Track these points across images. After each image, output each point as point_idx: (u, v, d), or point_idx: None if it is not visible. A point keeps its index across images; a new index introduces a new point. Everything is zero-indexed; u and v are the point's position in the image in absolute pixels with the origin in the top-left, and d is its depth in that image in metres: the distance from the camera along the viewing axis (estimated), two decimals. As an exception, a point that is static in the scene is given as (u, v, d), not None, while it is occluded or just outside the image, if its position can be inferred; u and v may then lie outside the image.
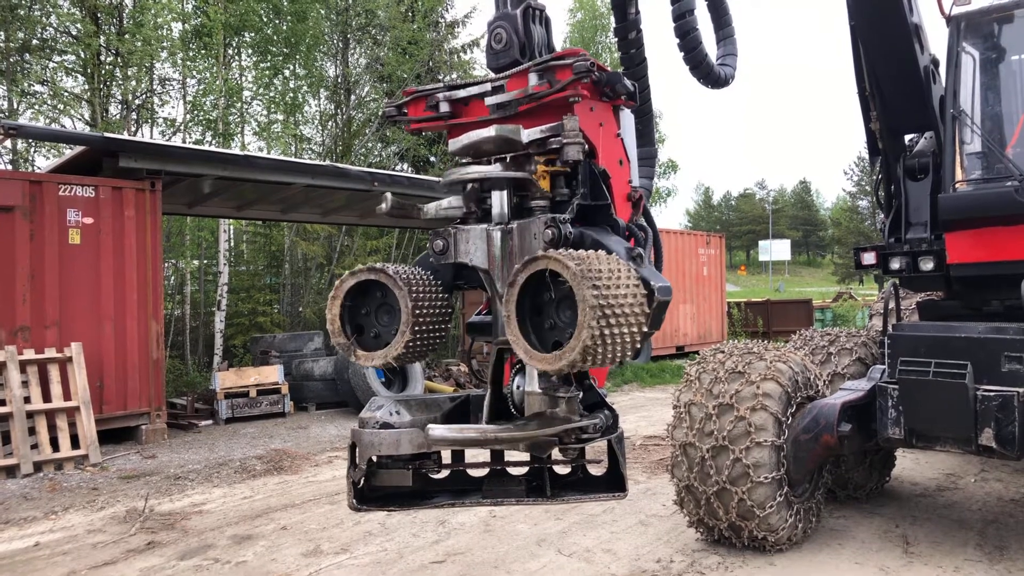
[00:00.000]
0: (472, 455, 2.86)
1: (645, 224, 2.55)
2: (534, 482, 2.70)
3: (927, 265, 5.39)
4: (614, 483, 2.61)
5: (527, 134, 2.28)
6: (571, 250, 2.18)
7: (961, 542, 5.25)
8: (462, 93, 2.45)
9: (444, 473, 2.84)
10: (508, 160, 2.37)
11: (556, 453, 2.53)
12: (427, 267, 2.62)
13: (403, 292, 2.42)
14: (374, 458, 2.62)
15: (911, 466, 7.38)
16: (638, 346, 2.23)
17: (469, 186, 2.43)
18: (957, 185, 5.28)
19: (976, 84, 5.63)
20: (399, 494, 2.74)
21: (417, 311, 2.43)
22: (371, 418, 2.57)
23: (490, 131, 2.28)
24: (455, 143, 2.37)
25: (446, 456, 2.79)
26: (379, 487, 2.71)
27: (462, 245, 2.45)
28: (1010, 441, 4.50)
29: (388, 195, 2.55)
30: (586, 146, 2.34)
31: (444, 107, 2.46)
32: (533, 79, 2.28)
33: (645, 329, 2.23)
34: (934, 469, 7.31)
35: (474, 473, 2.87)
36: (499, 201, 2.37)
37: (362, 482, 2.65)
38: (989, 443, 4.55)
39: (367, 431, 2.54)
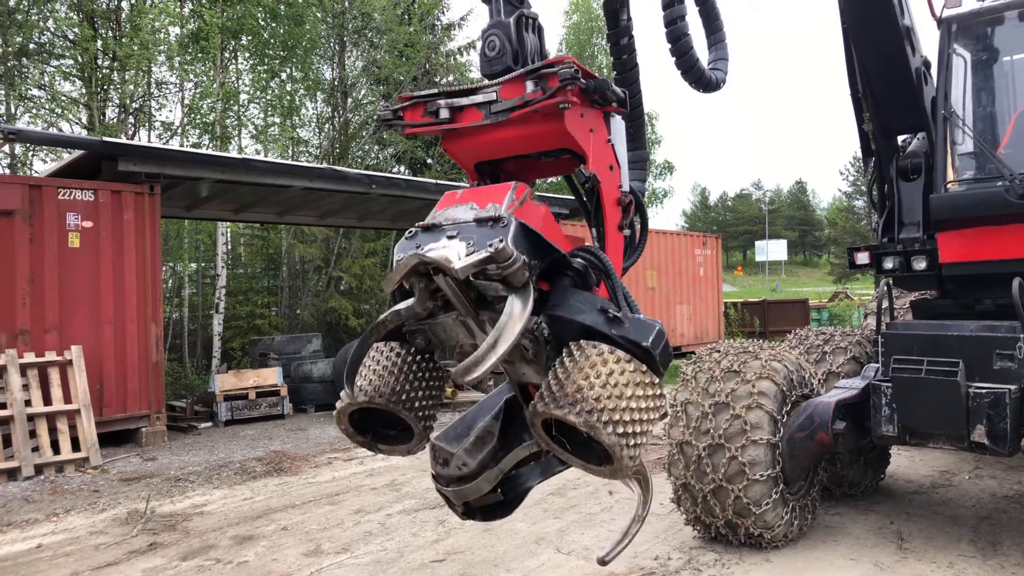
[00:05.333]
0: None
1: (599, 252, 2.42)
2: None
3: (920, 264, 5.44)
4: None
5: (461, 269, 2.08)
6: (562, 376, 2.14)
7: (955, 538, 5.30)
8: (464, 101, 2.47)
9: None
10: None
11: None
12: (399, 336, 2.51)
13: (408, 416, 2.41)
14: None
15: (906, 463, 7.44)
16: (663, 408, 2.24)
17: (417, 289, 2.33)
18: (949, 185, 5.34)
19: (967, 85, 5.69)
20: (497, 503, 2.81)
21: (425, 424, 2.45)
22: (445, 474, 2.62)
23: (413, 259, 2.15)
24: (389, 283, 2.26)
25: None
26: (479, 506, 2.79)
27: (442, 335, 2.42)
28: (1002, 438, 4.56)
29: (344, 387, 2.52)
30: (527, 259, 2.16)
31: (444, 113, 2.48)
32: (530, 86, 2.31)
33: (662, 398, 2.21)
34: (928, 466, 7.37)
35: None
36: (455, 299, 2.28)
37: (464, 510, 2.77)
38: (981, 440, 4.60)
39: (450, 490, 2.61)
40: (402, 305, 2.40)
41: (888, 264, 5.61)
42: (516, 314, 2.14)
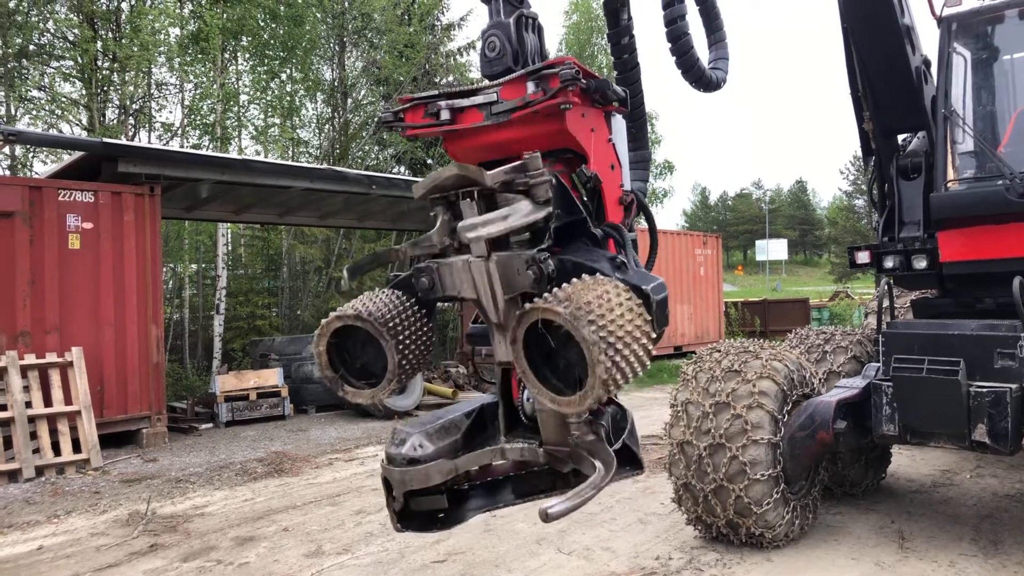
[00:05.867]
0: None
1: (620, 225, 2.51)
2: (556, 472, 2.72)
3: (920, 263, 5.44)
4: (630, 461, 2.64)
5: (491, 176, 2.22)
6: (556, 289, 2.17)
7: (956, 537, 5.30)
8: (465, 102, 2.48)
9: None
10: (476, 197, 2.33)
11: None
12: (404, 287, 2.61)
13: (389, 344, 2.43)
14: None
15: (907, 463, 7.44)
16: (652, 352, 2.24)
17: (440, 221, 2.42)
18: (949, 184, 5.34)
19: (967, 84, 5.69)
20: (438, 514, 2.80)
21: (403, 361, 2.47)
22: (397, 455, 2.60)
23: (451, 169, 2.27)
24: (419, 188, 2.36)
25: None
26: (419, 511, 2.76)
27: (447, 279, 2.47)
28: (1003, 436, 4.55)
29: (344, 274, 2.60)
30: (554, 180, 2.29)
31: (444, 115, 2.50)
32: (530, 87, 2.32)
33: (653, 334, 2.24)
34: (930, 465, 7.37)
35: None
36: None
37: (402, 508, 2.72)
38: (982, 439, 4.60)
39: (397, 470, 2.58)
40: (423, 239, 2.50)
41: (889, 263, 5.61)
42: (531, 208, 2.26)
